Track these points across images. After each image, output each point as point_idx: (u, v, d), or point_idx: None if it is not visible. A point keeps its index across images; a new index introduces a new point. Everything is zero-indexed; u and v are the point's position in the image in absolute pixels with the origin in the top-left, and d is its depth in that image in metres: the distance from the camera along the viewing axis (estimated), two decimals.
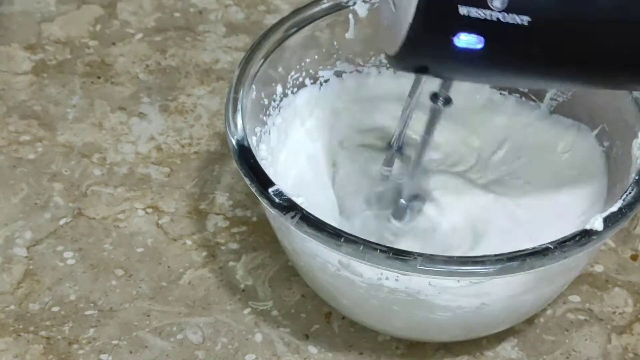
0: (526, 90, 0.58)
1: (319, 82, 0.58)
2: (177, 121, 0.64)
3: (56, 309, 0.55)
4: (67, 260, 0.57)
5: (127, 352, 0.53)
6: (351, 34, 0.57)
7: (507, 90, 0.58)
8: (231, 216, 0.59)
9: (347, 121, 0.58)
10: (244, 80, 0.52)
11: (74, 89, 0.66)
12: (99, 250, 0.57)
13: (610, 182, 0.53)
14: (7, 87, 0.66)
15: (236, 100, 0.51)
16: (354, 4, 0.56)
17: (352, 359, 0.53)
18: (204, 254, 0.57)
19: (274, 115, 0.55)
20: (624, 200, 0.48)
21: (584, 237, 0.46)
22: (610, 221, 0.47)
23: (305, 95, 0.57)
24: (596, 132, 0.55)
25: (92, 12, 0.71)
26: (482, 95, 0.58)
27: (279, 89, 0.56)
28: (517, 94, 0.58)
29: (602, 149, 0.55)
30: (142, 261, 0.57)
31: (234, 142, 0.50)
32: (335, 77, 0.58)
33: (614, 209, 0.47)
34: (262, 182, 0.48)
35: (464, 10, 0.41)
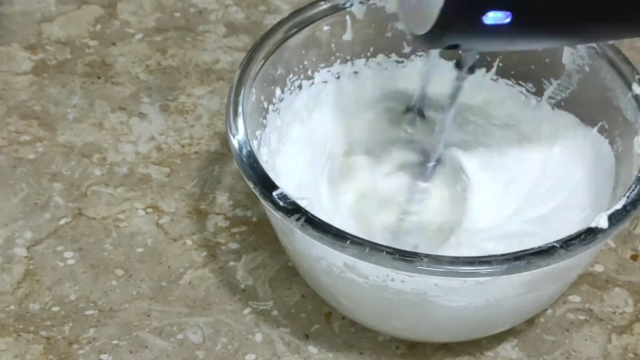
0: (526, 89, 0.58)
1: (318, 83, 0.58)
2: (177, 121, 0.64)
3: (56, 309, 0.55)
4: (67, 260, 0.57)
5: (127, 352, 0.53)
6: (349, 35, 0.57)
7: (511, 80, 0.58)
8: (231, 216, 0.59)
9: (347, 121, 0.58)
10: (245, 81, 0.52)
11: (74, 89, 0.66)
12: (99, 250, 0.57)
13: (614, 180, 0.53)
14: (7, 87, 0.66)
15: (237, 103, 0.51)
16: (351, 5, 0.56)
17: (352, 359, 0.53)
18: (204, 254, 0.57)
19: (273, 117, 0.55)
20: (627, 197, 0.48)
21: (590, 235, 0.46)
22: (615, 219, 0.47)
23: (304, 96, 0.57)
24: (596, 128, 0.55)
25: (92, 12, 0.71)
26: (482, 91, 0.58)
27: (278, 91, 0.56)
28: (518, 90, 0.58)
29: (607, 142, 0.54)
30: (142, 261, 0.57)
31: (236, 146, 0.50)
32: (334, 79, 0.58)
33: (619, 206, 0.47)
34: (266, 186, 0.48)
35: None
